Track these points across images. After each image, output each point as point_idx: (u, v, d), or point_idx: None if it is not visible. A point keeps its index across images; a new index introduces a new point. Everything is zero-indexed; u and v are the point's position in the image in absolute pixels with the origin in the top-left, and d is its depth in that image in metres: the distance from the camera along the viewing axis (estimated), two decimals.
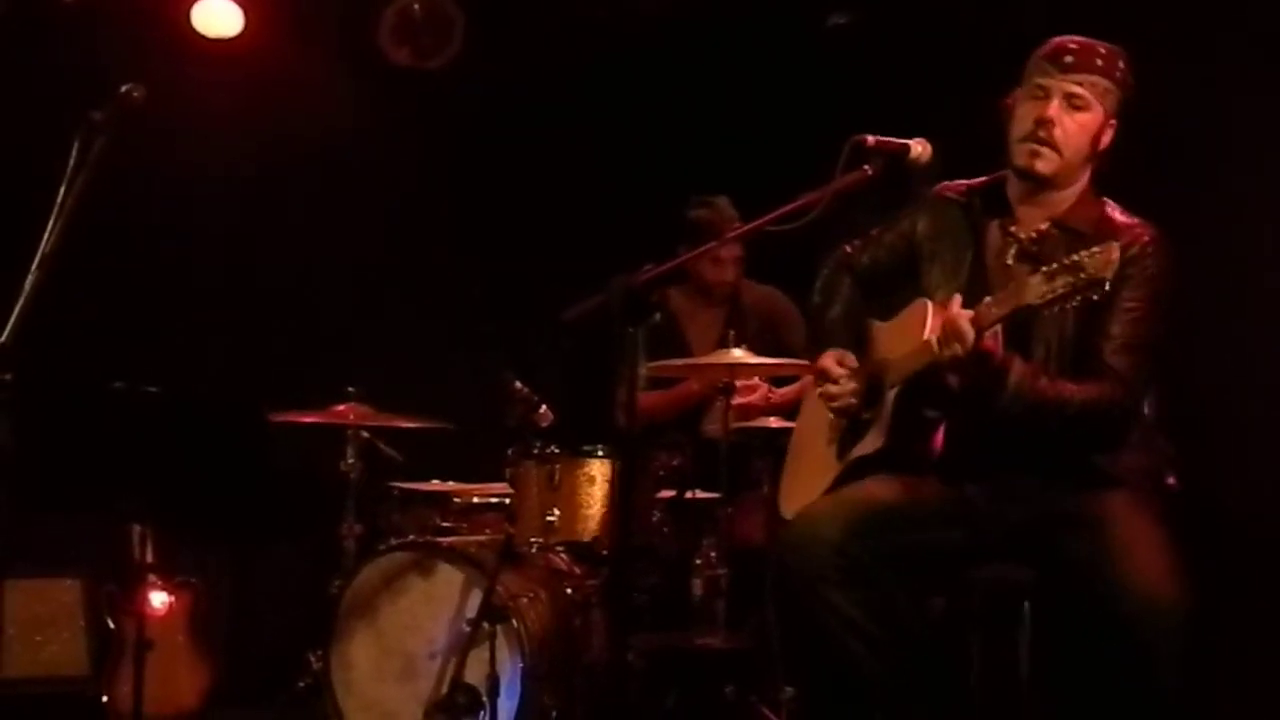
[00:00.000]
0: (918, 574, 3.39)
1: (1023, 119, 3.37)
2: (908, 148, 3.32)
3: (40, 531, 5.11)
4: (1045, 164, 3.35)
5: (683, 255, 4.37)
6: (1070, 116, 3.34)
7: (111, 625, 5.11)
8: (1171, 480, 3.49)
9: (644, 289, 3.11)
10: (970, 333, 3.11)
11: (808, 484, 3.62)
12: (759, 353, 4.68)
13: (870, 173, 3.25)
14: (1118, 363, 3.24)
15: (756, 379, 5.04)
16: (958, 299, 3.22)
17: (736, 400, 4.76)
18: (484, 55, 6.18)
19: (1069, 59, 3.35)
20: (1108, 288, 2.91)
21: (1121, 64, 3.38)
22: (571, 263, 5.17)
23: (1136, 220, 3.38)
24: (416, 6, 6.18)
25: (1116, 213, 3.40)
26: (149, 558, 4.85)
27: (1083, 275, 2.91)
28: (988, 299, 3.16)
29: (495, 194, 6.20)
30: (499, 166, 6.16)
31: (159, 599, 5.12)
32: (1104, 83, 3.35)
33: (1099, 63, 3.35)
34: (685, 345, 5.38)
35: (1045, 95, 3.35)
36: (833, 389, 3.55)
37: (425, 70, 6.22)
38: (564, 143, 6.17)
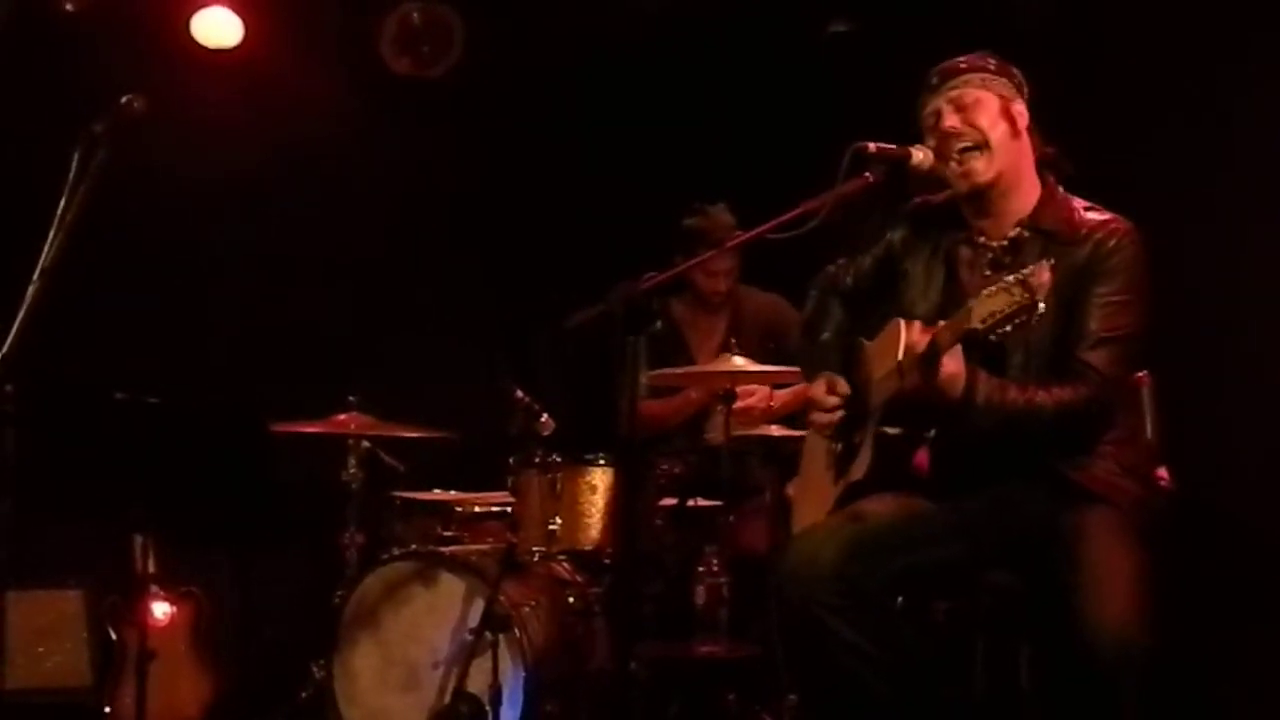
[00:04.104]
0: (919, 588, 3.38)
1: (936, 150, 3.35)
2: (909, 154, 3.32)
3: (42, 542, 5.10)
4: (982, 167, 3.33)
5: (679, 263, 4.36)
6: (967, 114, 3.34)
7: (114, 636, 5.10)
8: (1163, 474, 3.46)
9: (645, 297, 3.11)
10: (919, 367, 3.11)
11: (813, 507, 3.61)
12: (761, 360, 4.67)
13: (871, 180, 3.25)
14: (1093, 358, 3.21)
15: (755, 385, 5.03)
16: (916, 325, 3.22)
17: (738, 405, 4.75)
18: (484, 64, 6.18)
19: (935, 79, 3.40)
20: (1041, 309, 2.87)
21: (992, 60, 3.40)
22: (573, 271, 5.16)
23: (1110, 215, 3.34)
24: (416, 15, 6.19)
25: (1088, 210, 3.36)
26: (151, 568, 4.84)
27: (1015, 298, 2.88)
28: (942, 322, 3.15)
29: (496, 203, 6.20)
30: (500, 175, 6.16)
31: (161, 609, 5.12)
32: (978, 75, 3.36)
33: (963, 66, 3.38)
34: (688, 353, 5.37)
35: (937, 116, 3.37)
36: (821, 418, 3.55)
37: (425, 79, 6.22)
38: (565, 150, 6.17)
